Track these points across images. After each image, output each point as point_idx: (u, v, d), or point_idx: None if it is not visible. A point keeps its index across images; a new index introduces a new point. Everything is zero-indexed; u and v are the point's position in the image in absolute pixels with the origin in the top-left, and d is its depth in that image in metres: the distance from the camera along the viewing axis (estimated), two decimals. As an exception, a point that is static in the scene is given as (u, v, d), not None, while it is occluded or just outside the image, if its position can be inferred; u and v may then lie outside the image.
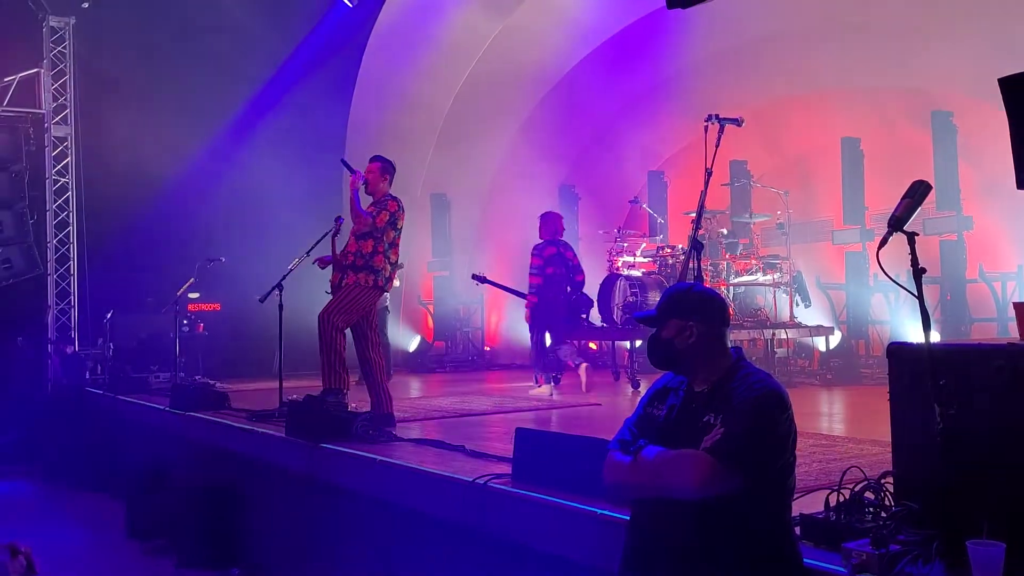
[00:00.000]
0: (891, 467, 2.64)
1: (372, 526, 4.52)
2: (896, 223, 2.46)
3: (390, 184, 5.88)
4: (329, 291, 5.78)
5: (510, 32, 11.31)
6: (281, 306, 6.43)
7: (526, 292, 8.14)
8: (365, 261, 5.59)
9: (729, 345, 2.59)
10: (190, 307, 10.22)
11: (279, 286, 6.48)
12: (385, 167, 5.88)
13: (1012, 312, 8.21)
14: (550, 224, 8.26)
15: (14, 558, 2.53)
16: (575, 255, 8.43)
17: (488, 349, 12.81)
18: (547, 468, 3.46)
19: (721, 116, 4.22)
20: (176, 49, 10.43)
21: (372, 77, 11.73)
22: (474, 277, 6.85)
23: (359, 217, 5.58)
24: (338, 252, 5.75)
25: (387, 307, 9.31)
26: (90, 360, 10.08)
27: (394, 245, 5.72)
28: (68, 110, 11.05)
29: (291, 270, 6.91)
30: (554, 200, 12.50)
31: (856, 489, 2.57)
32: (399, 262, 5.95)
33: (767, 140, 10.21)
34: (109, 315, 10.19)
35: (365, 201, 5.74)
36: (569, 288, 8.22)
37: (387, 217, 5.62)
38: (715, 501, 2.29)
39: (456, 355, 12.18)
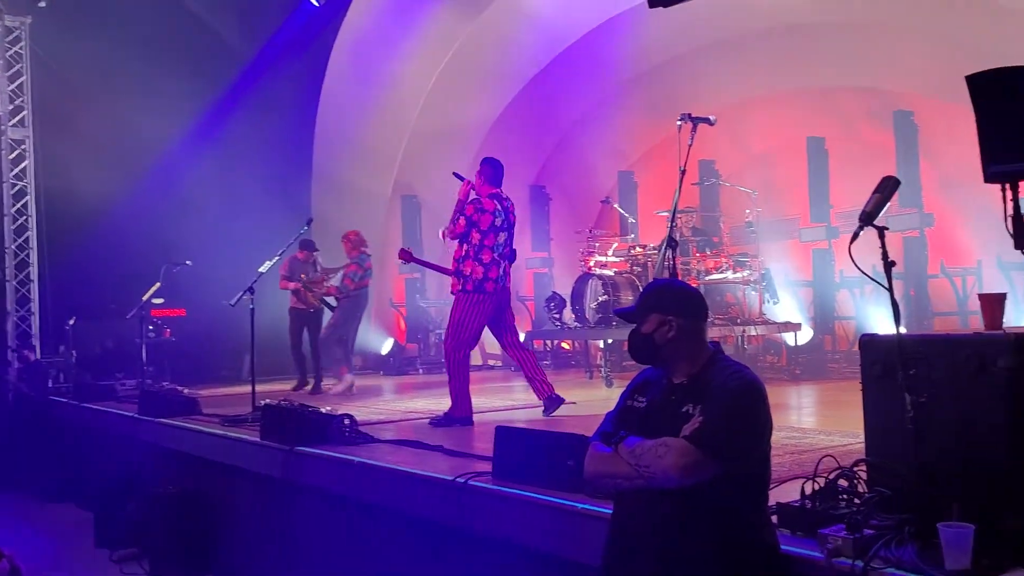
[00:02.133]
0: (863, 455, 2.71)
1: (351, 528, 4.52)
2: (867, 218, 2.53)
3: (491, 182, 5.98)
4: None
5: (479, 33, 11.33)
6: (252, 310, 6.39)
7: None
8: (458, 266, 5.78)
9: (707, 339, 2.66)
10: (154, 312, 10.07)
11: (250, 290, 6.44)
12: (483, 168, 6.03)
13: (972, 306, 8.45)
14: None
15: (-2, 564, 2.50)
16: None
17: (460, 351, 12.80)
18: (528, 465, 3.49)
19: (694, 115, 4.28)
20: (138, 50, 10.28)
21: (340, 78, 11.67)
22: (401, 254, 6.47)
23: (452, 225, 5.82)
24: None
25: (332, 304, 9.17)
26: (53, 368, 9.91)
27: (482, 247, 5.75)
28: (26, 112, 10.83)
29: (261, 274, 6.87)
30: (525, 200, 12.53)
31: (830, 477, 2.63)
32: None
33: (735, 140, 10.34)
34: (72, 322, 10.03)
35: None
36: None
37: (464, 223, 5.76)
38: (695, 490, 2.35)
39: (428, 357, 12.15)
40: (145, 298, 8.97)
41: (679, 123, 4.31)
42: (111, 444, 7.78)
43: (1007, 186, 2.36)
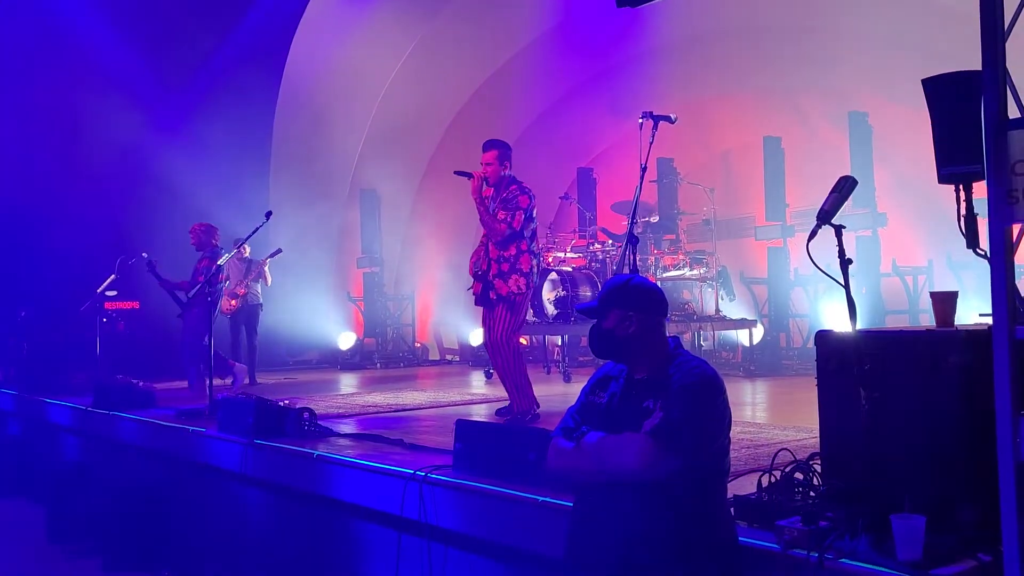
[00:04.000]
0: (817, 450, 2.77)
1: (310, 522, 4.49)
2: (824, 216, 2.59)
3: (510, 166, 5.42)
4: (475, 302, 5.51)
5: (440, 28, 11.31)
6: (210, 303, 6.30)
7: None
8: (511, 265, 5.23)
9: (667, 335, 2.70)
10: (107, 305, 9.87)
11: (208, 283, 6.35)
12: (502, 152, 5.38)
13: (923, 304, 8.68)
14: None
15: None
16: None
17: (419, 345, 12.78)
18: (488, 459, 3.51)
19: (655, 113, 4.32)
20: (97, 37, 10.05)
21: (300, 69, 11.55)
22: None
23: (494, 227, 5.21)
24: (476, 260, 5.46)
25: (260, 304, 9.21)
26: (3, 359, 9.67)
27: (534, 237, 5.34)
28: (-25, 101, 10.52)
29: (219, 267, 6.79)
30: (484, 196, 12.53)
31: (786, 470, 2.69)
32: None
33: (693, 138, 10.48)
34: (23, 313, 9.79)
35: (490, 201, 5.37)
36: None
37: (522, 217, 5.20)
38: (655, 484, 2.38)
39: (387, 352, 12.11)
40: (100, 290, 8.79)
41: (640, 121, 4.36)
42: (63, 438, 7.62)
43: (960, 187, 2.44)
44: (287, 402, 5.33)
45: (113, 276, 8.86)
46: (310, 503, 4.46)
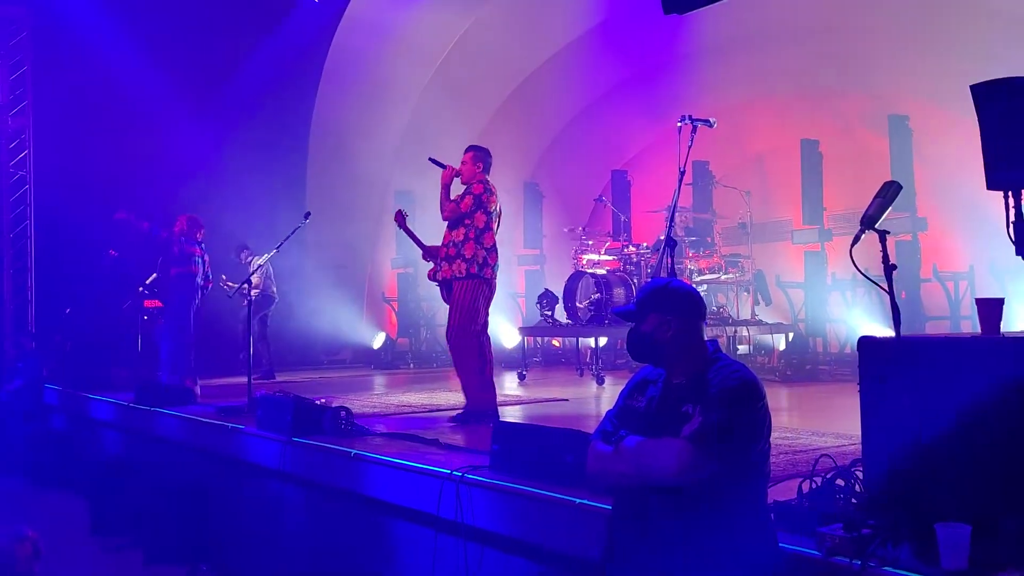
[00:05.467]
0: (858, 456, 2.75)
1: (347, 520, 4.54)
2: (868, 221, 2.57)
3: (486, 170, 5.61)
4: (435, 284, 5.66)
5: (476, 30, 11.35)
6: (250, 302, 6.40)
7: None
8: (457, 250, 5.40)
9: (705, 338, 2.69)
10: (147, 303, 10.06)
11: (247, 281, 6.45)
12: (478, 155, 5.62)
13: (965, 311, 8.54)
14: None
15: (21, 543, 2.53)
16: None
17: (452, 346, 12.83)
18: (525, 460, 3.53)
19: (694, 117, 4.31)
20: (140, 42, 10.26)
21: (337, 75, 11.68)
22: (397, 216, 5.90)
23: (444, 204, 5.45)
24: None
25: (275, 295, 9.40)
26: (48, 355, 9.89)
27: (487, 229, 5.42)
28: (25, 102, 10.79)
29: (259, 267, 6.89)
30: (519, 198, 12.56)
31: (828, 477, 2.67)
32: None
33: (729, 141, 10.38)
34: (67, 310, 10.01)
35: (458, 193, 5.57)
36: None
37: (471, 201, 5.39)
38: (694, 488, 2.38)
39: (420, 352, 12.19)
40: (142, 288, 8.96)
41: (679, 124, 4.35)
42: (105, 433, 7.78)
43: (1009, 193, 2.41)
44: (324, 401, 5.40)
45: (154, 275, 9.02)
46: (347, 501, 4.51)
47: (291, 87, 11.63)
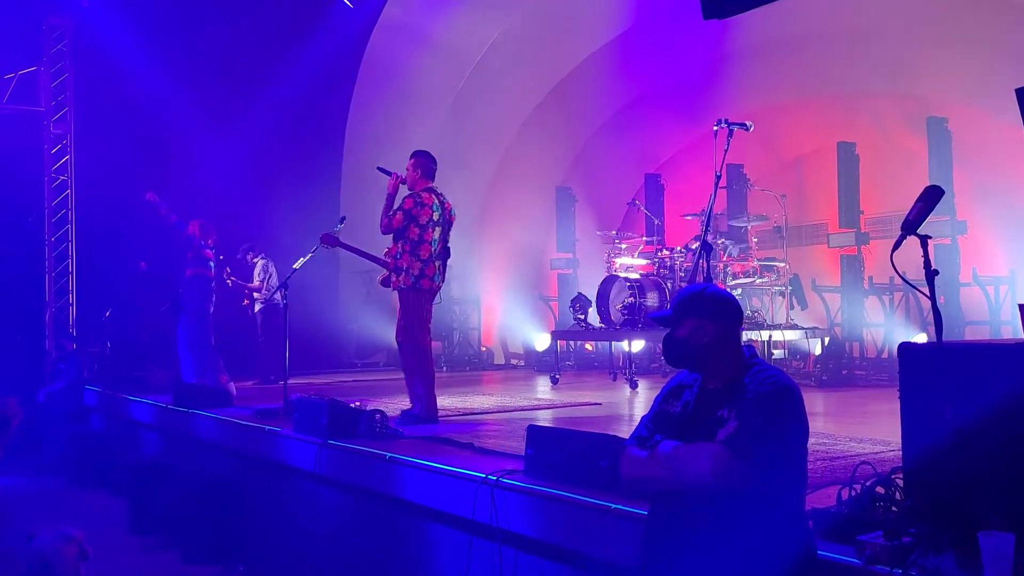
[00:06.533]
0: (897, 463, 2.72)
1: (381, 523, 4.57)
2: (909, 227, 2.54)
3: (427, 175, 5.83)
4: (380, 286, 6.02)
5: (510, 35, 11.38)
6: (286, 305, 6.47)
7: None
8: (395, 262, 5.69)
9: (742, 343, 2.67)
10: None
11: (284, 285, 6.52)
12: (418, 161, 5.86)
13: (1005, 315, 8.38)
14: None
15: (68, 544, 2.59)
16: None
17: (484, 349, 12.87)
18: (559, 464, 3.52)
19: (731, 120, 4.29)
20: (176, 50, 10.44)
21: (371, 80, 11.78)
22: (324, 239, 6.05)
23: (382, 218, 5.67)
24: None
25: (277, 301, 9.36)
26: (89, 357, 10.09)
27: (421, 242, 5.60)
28: (67, 109, 11.04)
29: (295, 270, 6.94)
30: (551, 202, 12.57)
31: (867, 484, 2.64)
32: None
33: (764, 144, 10.31)
34: (107, 313, 10.20)
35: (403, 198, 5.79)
36: None
37: (401, 217, 5.59)
38: (730, 494, 2.36)
39: (452, 355, 12.23)
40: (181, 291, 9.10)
41: (716, 128, 4.32)
42: (144, 434, 7.91)
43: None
44: (359, 404, 5.44)
45: (228, 269, 9.23)
46: (382, 504, 4.54)
47: (326, 93, 11.75)
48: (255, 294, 9.44)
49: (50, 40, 10.96)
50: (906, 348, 2.65)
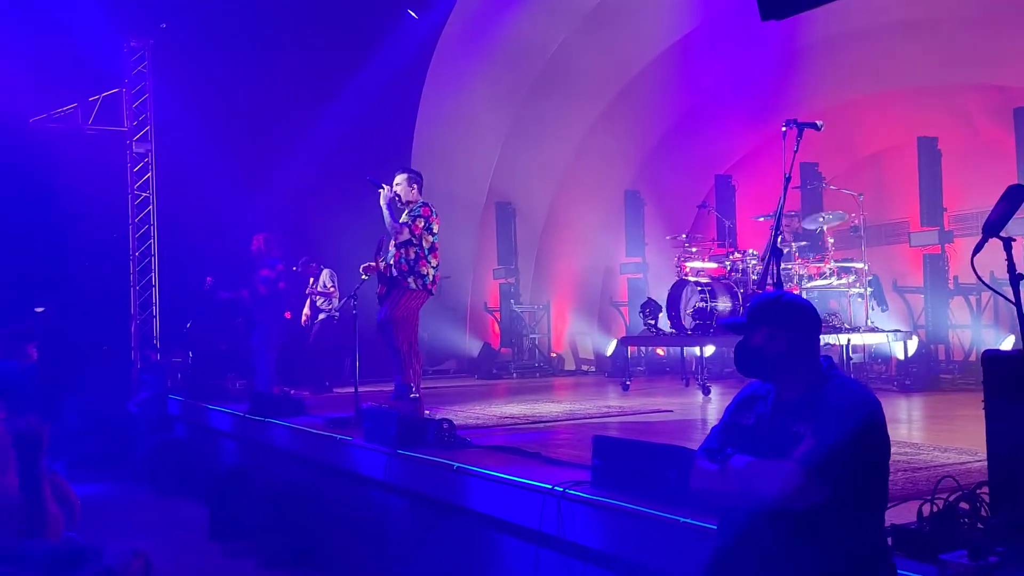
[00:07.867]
0: (983, 476, 2.58)
1: (450, 532, 4.58)
2: (991, 228, 2.42)
3: (420, 192, 6.43)
4: (378, 302, 6.36)
5: (576, 38, 11.33)
6: (355, 315, 6.57)
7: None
8: (410, 267, 6.18)
9: (819, 354, 2.56)
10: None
11: (354, 296, 6.63)
12: (411, 177, 6.43)
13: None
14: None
15: (135, 559, 2.68)
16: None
17: (555, 356, 12.83)
18: (627, 476, 3.47)
19: (800, 121, 4.16)
20: (252, 67, 10.75)
21: (438, 87, 11.89)
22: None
23: (396, 229, 6.19)
24: (381, 264, 6.31)
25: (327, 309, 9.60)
26: (172, 367, 10.44)
27: (433, 249, 6.27)
28: (148, 127, 11.48)
29: (364, 281, 7.05)
30: (619, 206, 12.46)
31: (950, 499, 2.51)
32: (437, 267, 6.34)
33: (839, 141, 9.99)
34: (188, 325, 10.55)
35: (399, 212, 6.31)
36: None
37: (422, 224, 6.19)
38: (805, 514, 2.27)
39: (522, 361, 12.23)
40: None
41: (784, 129, 4.20)
42: (223, 442, 8.13)
43: None
44: (428, 412, 5.48)
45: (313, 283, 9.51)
46: (450, 513, 4.55)
47: (394, 100, 11.91)
48: (324, 303, 9.60)
49: (131, 62, 11.42)
50: (990, 356, 2.51)
